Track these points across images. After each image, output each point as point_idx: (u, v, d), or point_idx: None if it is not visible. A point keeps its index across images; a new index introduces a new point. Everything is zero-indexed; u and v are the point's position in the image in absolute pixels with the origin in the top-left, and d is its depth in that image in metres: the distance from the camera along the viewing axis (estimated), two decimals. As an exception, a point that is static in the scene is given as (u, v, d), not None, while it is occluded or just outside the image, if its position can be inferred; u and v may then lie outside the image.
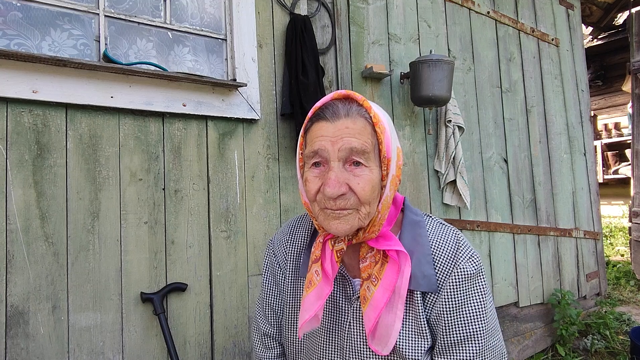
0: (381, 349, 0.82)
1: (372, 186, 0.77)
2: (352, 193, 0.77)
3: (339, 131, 0.77)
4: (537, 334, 2.84)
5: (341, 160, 0.77)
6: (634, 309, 3.68)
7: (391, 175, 0.81)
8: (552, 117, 3.11)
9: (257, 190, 1.78)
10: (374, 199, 0.79)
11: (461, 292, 0.83)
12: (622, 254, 5.66)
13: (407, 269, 0.81)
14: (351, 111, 0.79)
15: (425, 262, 0.84)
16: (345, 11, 2.12)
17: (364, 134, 0.78)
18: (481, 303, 0.83)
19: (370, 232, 0.83)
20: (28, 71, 1.33)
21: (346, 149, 0.76)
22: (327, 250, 0.86)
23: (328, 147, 0.77)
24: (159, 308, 1.47)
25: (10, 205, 1.30)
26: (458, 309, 0.83)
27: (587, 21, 4.65)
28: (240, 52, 1.77)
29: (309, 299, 0.85)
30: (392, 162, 0.81)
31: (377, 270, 0.83)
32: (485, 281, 0.86)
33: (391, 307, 0.82)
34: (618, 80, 6.86)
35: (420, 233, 0.87)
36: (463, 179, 2.31)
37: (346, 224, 0.78)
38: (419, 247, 0.86)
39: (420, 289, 0.83)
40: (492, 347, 0.85)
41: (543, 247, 2.89)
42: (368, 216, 0.80)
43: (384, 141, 0.79)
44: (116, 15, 1.56)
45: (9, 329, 1.28)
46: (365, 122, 0.79)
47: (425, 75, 2.07)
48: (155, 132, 1.57)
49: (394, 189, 0.84)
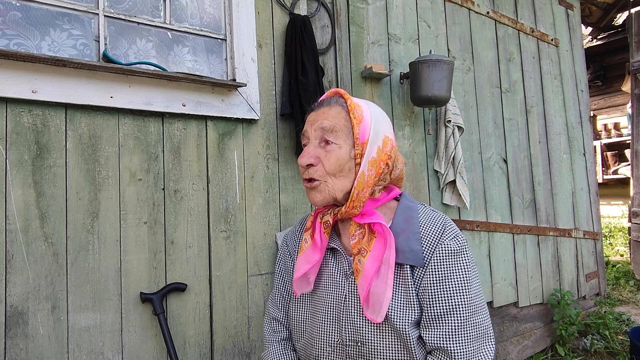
0: (375, 317, 0.91)
1: (337, 159, 0.92)
2: (321, 164, 0.93)
3: (318, 116, 0.96)
4: (536, 334, 2.84)
5: (317, 138, 0.95)
6: (634, 309, 3.69)
7: (369, 156, 0.93)
8: (552, 117, 3.11)
9: (256, 191, 1.78)
10: (341, 172, 0.93)
11: (445, 266, 0.91)
12: (621, 254, 5.66)
13: (391, 240, 0.92)
14: (332, 101, 0.98)
15: (414, 239, 0.94)
16: (345, 11, 2.12)
17: (336, 118, 0.94)
18: (464, 277, 0.91)
19: (351, 207, 0.94)
20: (27, 71, 1.32)
21: (319, 128, 0.94)
22: (317, 223, 1.02)
23: (309, 128, 0.97)
24: (159, 308, 1.47)
25: (9, 206, 1.30)
26: (442, 282, 0.91)
27: (586, 21, 4.65)
28: (240, 52, 1.77)
29: (298, 262, 1.02)
30: (370, 145, 0.93)
31: (365, 244, 0.94)
32: (469, 259, 0.94)
33: (381, 276, 0.92)
34: (617, 80, 6.86)
35: (412, 215, 0.98)
36: (463, 179, 2.32)
37: (318, 194, 0.94)
38: (409, 226, 0.96)
39: (408, 262, 0.93)
40: (476, 324, 0.91)
41: (542, 247, 2.89)
42: (338, 189, 0.94)
43: (358, 125, 0.94)
44: (116, 15, 1.55)
45: (8, 329, 1.28)
46: (340, 108, 0.95)
47: (424, 76, 2.07)
48: (154, 132, 1.57)
49: (377, 172, 0.95)
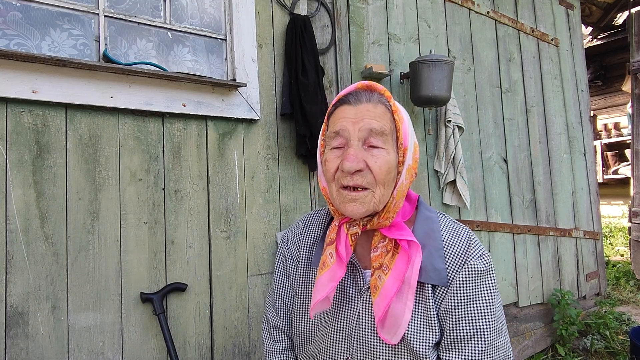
0: (390, 338, 0.84)
1: (388, 167, 0.82)
2: (369, 171, 0.81)
3: (360, 113, 0.83)
4: (536, 334, 2.84)
5: (361, 140, 0.82)
6: (634, 309, 3.69)
7: (407, 164, 0.86)
8: (552, 117, 3.11)
9: (256, 191, 1.78)
10: (389, 181, 0.83)
11: (470, 287, 0.84)
12: (621, 254, 5.66)
13: (418, 260, 0.83)
14: (373, 98, 0.85)
15: (437, 256, 0.86)
16: (345, 11, 2.12)
17: (384, 118, 0.83)
18: (490, 300, 0.84)
19: (385, 218, 0.85)
20: (28, 71, 1.32)
21: (366, 129, 0.82)
22: (342, 234, 0.90)
23: (349, 127, 0.83)
24: (159, 308, 1.47)
25: (10, 206, 1.30)
26: (466, 304, 0.83)
27: (586, 21, 4.65)
28: (240, 52, 1.77)
29: (321, 280, 0.88)
30: (409, 151, 0.85)
31: (388, 260, 0.85)
32: (494, 279, 0.87)
33: (401, 297, 0.83)
34: (618, 80, 6.86)
35: (433, 228, 0.90)
36: (463, 179, 2.32)
37: (362, 206, 0.82)
38: (431, 241, 0.87)
39: (430, 281, 0.85)
40: (499, 347, 0.85)
41: (543, 247, 2.89)
42: (382, 200, 0.83)
43: (402, 129, 0.85)
44: (116, 16, 1.56)
45: (8, 329, 1.28)
46: (385, 108, 0.85)
47: (425, 76, 2.07)
48: (155, 132, 1.57)
49: (410, 180, 0.88)
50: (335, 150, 0.85)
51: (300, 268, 1.01)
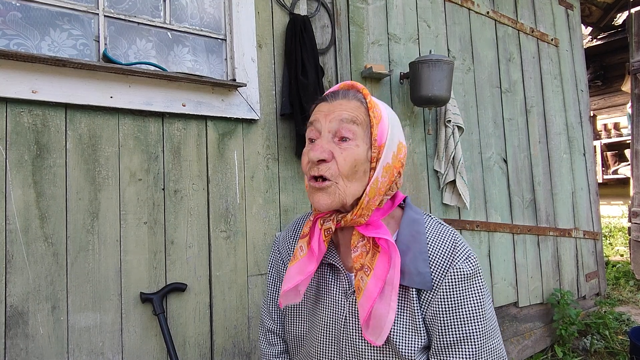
0: (375, 339, 0.83)
1: (353, 159, 0.81)
2: (335, 162, 0.81)
3: (333, 107, 0.85)
4: (536, 334, 2.84)
5: (331, 132, 0.83)
6: (634, 309, 3.69)
7: (384, 161, 0.84)
8: (552, 117, 3.11)
9: (256, 191, 1.78)
10: (355, 175, 0.82)
11: (458, 292, 0.83)
12: (621, 254, 5.66)
13: (397, 259, 0.82)
14: (348, 94, 0.87)
15: (421, 260, 0.85)
16: (345, 11, 2.12)
17: (356, 111, 0.84)
18: (479, 304, 0.83)
19: (358, 215, 0.84)
20: (27, 71, 1.32)
21: (336, 119, 0.83)
22: (316, 229, 0.90)
23: (321, 119, 0.85)
24: (159, 308, 1.47)
25: (9, 206, 1.30)
26: (455, 309, 0.82)
27: (586, 21, 4.65)
28: (240, 52, 1.77)
29: (289, 272, 0.90)
30: (387, 149, 0.84)
31: (369, 260, 0.84)
32: (483, 282, 0.85)
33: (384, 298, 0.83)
34: (617, 80, 6.87)
35: (419, 230, 0.88)
36: (462, 179, 2.32)
37: (327, 197, 0.82)
38: (416, 244, 0.86)
39: (414, 285, 0.84)
40: (492, 349, 0.84)
41: (542, 247, 2.89)
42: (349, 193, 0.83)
43: (377, 125, 0.84)
44: (116, 16, 1.55)
45: (8, 329, 1.28)
46: (359, 103, 0.85)
47: (424, 76, 2.07)
48: (154, 132, 1.57)
49: (390, 179, 0.86)
50: (310, 143, 0.87)
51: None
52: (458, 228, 2.43)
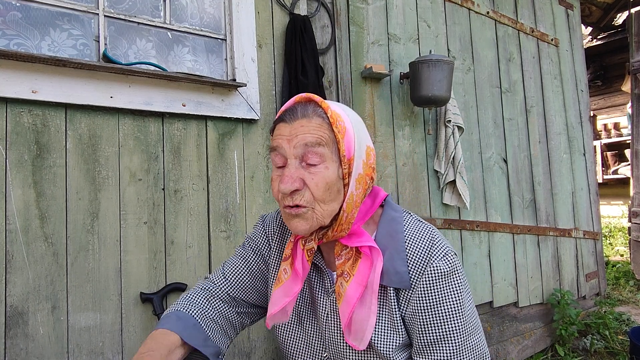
0: (358, 344, 0.83)
1: (326, 183, 0.79)
2: (307, 189, 0.79)
3: (295, 130, 0.80)
4: (536, 334, 2.84)
5: (297, 157, 0.80)
6: (634, 309, 3.69)
7: (356, 173, 0.82)
8: (552, 117, 3.11)
9: (256, 191, 1.78)
10: (329, 197, 0.80)
11: (435, 290, 0.82)
12: (621, 254, 5.67)
13: (380, 264, 0.82)
14: (307, 111, 0.81)
15: (398, 259, 0.84)
16: (345, 11, 2.12)
17: (319, 130, 0.79)
18: (457, 301, 0.83)
19: (339, 230, 0.84)
20: (27, 71, 1.32)
21: (301, 145, 0.79)
22: (299, 250, 0.89)
23: (284, 145, 0.80)
24: (159, 308, 1.47)
25: (9, 206, 1.30)
26: (433, 307, 0.82)
27: (586, 21, 4.65)
28: (240, 52, 1.77)
29: (276, 295, 0.90)
30: (356, 160, 0.82)
31: (349, 267, 0.84)
32: (461, 279, 0.85)
33: (364, 302, 0.83)
34: (617, 80, 6.87)
35: (397, 229, 0.88)
36: (462, 179, 2.32)
37: (304, 222, 0.80)
38: (393, 242, 0.86)
39: (392, 284, 0.84)
40: (471, 347, 0.84)
41: (542, 247, 2.89)
42: (327, 215, 0.81)
43: (344, 140, 0.80)
44: (116, 15, 1.55)
45: (8, 329, 1.28)
46: (322, 120, 0.80)
47: (424, 76, 2.07)
48: (154, 132, 1.57)
49: (364, 188, 0.85)
50: (278, 169, 0.84)
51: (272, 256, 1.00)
52: (458, 228, 2.43)
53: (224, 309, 0.98)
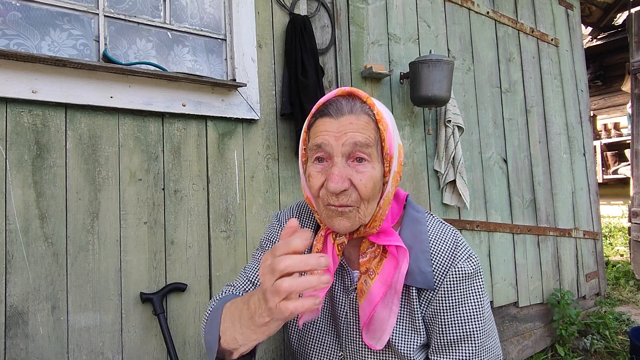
0: (375, 344, 0.83)
1: (373, 183, 0.79)
2: (354, 189, 0.78)
3: (343, 127, 0.78)
4: (536, 334, 2.84)
5: (344, 155, 0.78)
6: (634, 309, 3.69)
7: (393, 171, 0.83)
8: (552, 117, 3.11)
9: (256, 191, 1.78)
10: (374, 196, 0.80)
11: (458, 291, 0.83)
12: (621, 254, 5.67)
13: (405, 265, 0.82)
14: (355, 108, 0.80)
15: (423, 259, 0.85)
16: (345, 11, 2.12)
17: (368, 130, 0.78)
18: (478, 303, 0.83)
19: (372, 227, 0.84)
20: (27, 71, 1.32)
21: (350, 143, 0.77)
22: (329, 244, 0.88)
23: (332, 142, 0.78)
24: (159, 308, 1.47)
25: (9, 206, 1.30)
26: (455, 308, 0.83)
27: (586, 21, 4.65)
28: (240, 52, 1.77)
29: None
30: (394, 158, 0.82)
31: (375, 265, 0.84)
32: (482, 282, 0.86)
33: (387, 302, 0.83)
34: (617, 80, 6.87)
35: (420, 230, 0.88)
36: (463, 179, 2.32)
37: (347, 222, 0.80)
38: (418, 243, 0.86)
39: (416, 284, 0.84)
40: (490, 348, 0.85)
41: (542, 247, 2.89)
42: (369, 214, 0.82)
43: (387, 138, 0.80)
44: (116, 16, 1.55)
45: (8, 329, 1.28)
46: (368, 118, 0.80)
47: (424, 76, 2.07)
48: (154, 132, 1.57)
49: (395, 185, 0.85)
50: (318, 165, 0.81)
51: None
52: (458, 228, 2.43)
53: None
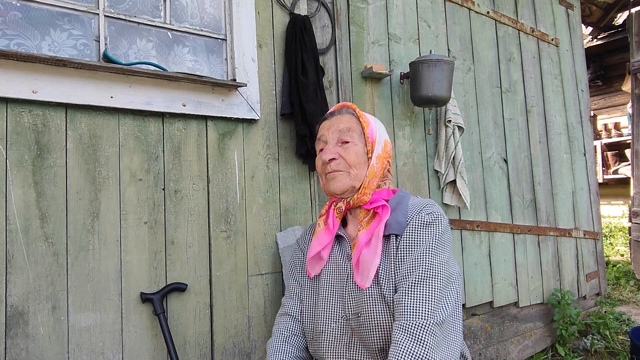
0: (364, 282, 1.08)
1: (355, 153, 1.16)
2: (342, 159, 1.16)
3: (332, 122, 1.22)
4: (536, 334, 2.84)
5: (334, 140, 1.19)
6: (634, 309, 3.69)
7: (376, 152, 1.18)
8: (552, 117, 3.11)
9: (256, 191, 1.78)
10: (360, 163, 1.16)
11: (416, 233, 1.08)
12: (621, 254, 5.66)
13: (386, 216, 1.11)
14: (342, 111, 1.24)
15: (401, 214, 1.12)
16: (345, 11, 2.12)
17: (350, 122, 1.20)
18: (432, 242, 1.05)
19: (362, 194, 1.16)
20: (28, 71, 1.32)
21: (336, 130, 1.19)
22: (331, 210, 1.22)
23: (326, 133, 1.21)
24: (159, 308, 1.47)
25: (10, 206, 1.30)
26: (412, 246, 1.06)
27: (586, 21, 4.65)
28: (240, 52, 1.77)
29: (312, 244, 1.23)
30: (377, 144, 1.19)
31: (365, 222, 1.14)
32: (441, 229, 1.08)
33: (371, 246, 1.09)
34: (618, 80, 6.87)
35: (404, 199, 1.17)
36: (463, 179, 2.32)
37: (340, 181, 1.15)
38: (399, 206, 1.14)
39: (393, 232, 1.10)
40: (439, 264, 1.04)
41: (543, 247, 2.89)
42: (357, 178, 1.15)
43: (368, 128, 1.19)
44: (116, 16, 1.55)
45: (8, 329, 1.28)
46: (351, 116, 1.22)
47: (425, 75, 2.07)
48: (155, 132, 1.57)
49: (382, 165, 1.19)
50: (320, 152, 1.21)
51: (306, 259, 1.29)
52: (458, 228, 2.43)
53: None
